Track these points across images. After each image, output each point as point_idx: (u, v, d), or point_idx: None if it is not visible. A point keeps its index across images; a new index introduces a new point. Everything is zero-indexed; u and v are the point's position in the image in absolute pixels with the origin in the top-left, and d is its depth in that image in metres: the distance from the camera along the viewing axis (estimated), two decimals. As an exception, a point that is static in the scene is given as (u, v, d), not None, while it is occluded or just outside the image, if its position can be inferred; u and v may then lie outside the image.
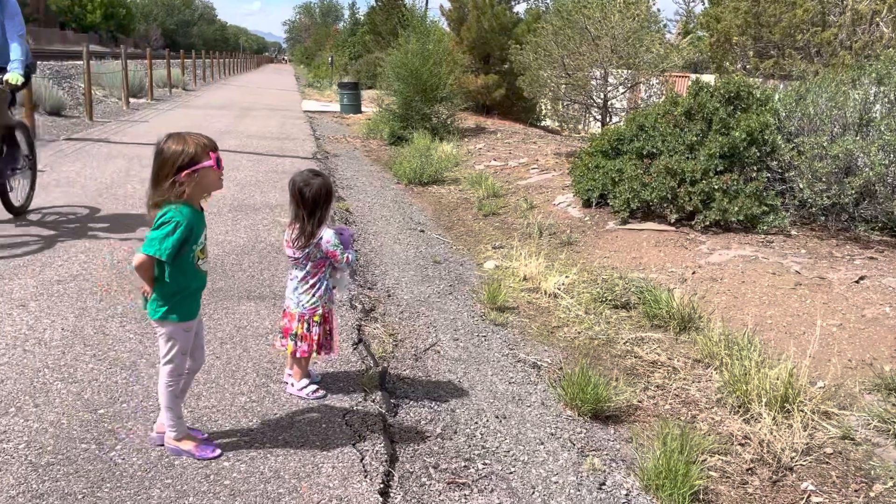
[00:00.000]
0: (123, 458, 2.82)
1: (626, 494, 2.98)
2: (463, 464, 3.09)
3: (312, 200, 3.23)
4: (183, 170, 2.61)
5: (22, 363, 3.54)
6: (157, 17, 76.14)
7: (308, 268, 3.35)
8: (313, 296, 3.36)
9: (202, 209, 2.79)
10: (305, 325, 3.36)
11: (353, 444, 3.06)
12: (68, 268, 5.03)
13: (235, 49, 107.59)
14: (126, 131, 12.75)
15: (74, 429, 3.00)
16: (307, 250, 3.30)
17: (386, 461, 2.98)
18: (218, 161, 2.69)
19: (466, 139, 14.13)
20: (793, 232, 6.57)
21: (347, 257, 3.34)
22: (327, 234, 3.29)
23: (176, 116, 16.03)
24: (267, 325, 4.27)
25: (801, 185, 6.56)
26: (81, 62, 14.68)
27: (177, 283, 2.73)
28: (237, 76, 46.66)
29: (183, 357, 2.84)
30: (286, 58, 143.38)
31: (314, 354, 3.44)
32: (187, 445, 2.87)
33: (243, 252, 5.77)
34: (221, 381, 3.54)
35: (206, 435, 3.02)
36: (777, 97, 7.49)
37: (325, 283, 3.38)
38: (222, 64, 45.03)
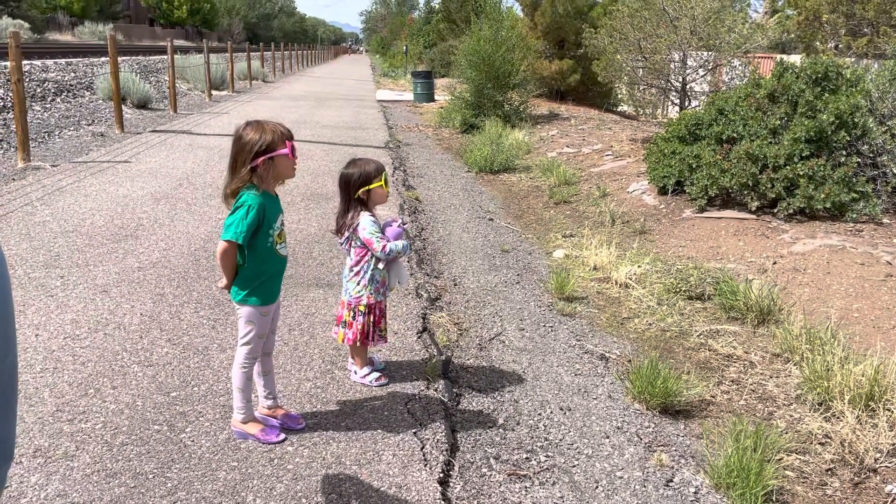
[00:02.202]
0: (193, 440, 2.91)
1: (695, 492, 2.87)
2: (525, 455, 3.04)
3: (340, 186, 3.31)
4: (260, 156, 2.67)
5: (102, 347, 3.71)
6: (240, 12, 78.26)
7: (352, 255, 3.37)
8: (358, 284, 3.36)
9: (276, 195, 2.85)
10: (351, 314, 3.38)
11: (415, 433, 3.06)
12: (149, 255, 5.23)
13: (314, 41, 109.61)
14: (208, 123, 13.17)
15: (148, 410, 3.11)
16: (346, 236, 3.32)
17: (446, 450, 2.96)
18: (293, 150, 2.75)
19: (539, 126, 13.95)
20: (885, 220, 6.19)
21: (385, 246, 3.25)
22: (363, 221, 3.27)
23: (255, 108, 16.45)
24: (334, 313, 4.32)
25: (894, 171, 6.17)
26: (167, 56, 15.22)
27: (255, 267, 2.79)
28: (314, 67, 47.57)
29: (259, 340, 2.89)
30: (361, 48, 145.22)
31: (368, 344, 3.44)
32: (253, 429, 2.93)
33: (314, 240, 5.86)
34: (288, 366, 3.61)
35: (302, 423, 3.08)
36: (869, 78, 7.06)
37: (371, 272, 3.35)
38: (300, 55, 46.00)
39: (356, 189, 3.24)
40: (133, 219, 6.17)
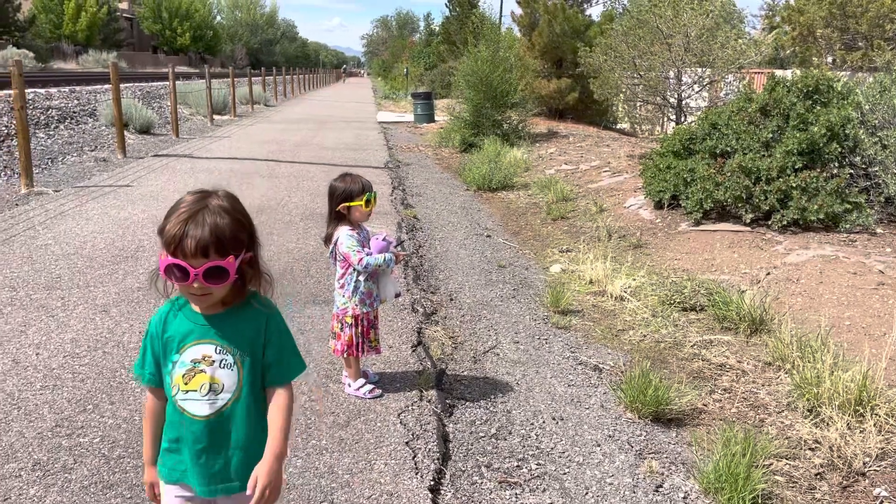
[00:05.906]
0: (188, 453, 2.95)
1: (684, 498, 2.90)
2: (516, 464, 3.08)
3: (328, 195, 3.39)
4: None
5: (101, 364, 3.76)
6: (243, 38, 79.06)
7: (337, 267, 3.44)
8: (343, 296, 3.45)
9: (213, 313, 1.72)
10: (339, 325, 3.46)
11: (406, 443, 3.11)
12: (148, 276, 5.30)
13: (316, 65, 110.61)
14: (209, 147, 13.32)
15: (145, 425, 3.16)
16: (331, 249, 3.40)
17: (438, 459, 3.00)
18: (172, 267, 1.61)
19: (538, 144, 14.07)
20: (878, 230, 6.24)
21: (361, 259, 3.29)
22: (342, 235, 3.34)
23: (256, 131, 16.62)
24: (329, 327, 4.38)
25: (886, 181, 6.23)
26: (169, 82, 15.42)
27: (167, 419, 1.79)
28: (316, 91, 47.99)
29: None
30: (362, 71, 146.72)
31: (363, 355, 3.51)
32: None
33: (311, 259, 5.93)
34: (284, 381, 3.65)
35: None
36: (860, 90, 7.14)
37: (354, 284, 3.42)
38: (302, 79, 46.42)
39: (337, 203, 3.32)
40: (133, 241, 6.25)
